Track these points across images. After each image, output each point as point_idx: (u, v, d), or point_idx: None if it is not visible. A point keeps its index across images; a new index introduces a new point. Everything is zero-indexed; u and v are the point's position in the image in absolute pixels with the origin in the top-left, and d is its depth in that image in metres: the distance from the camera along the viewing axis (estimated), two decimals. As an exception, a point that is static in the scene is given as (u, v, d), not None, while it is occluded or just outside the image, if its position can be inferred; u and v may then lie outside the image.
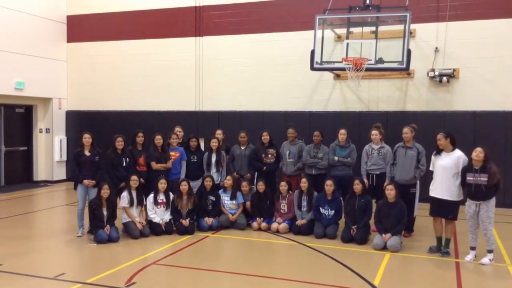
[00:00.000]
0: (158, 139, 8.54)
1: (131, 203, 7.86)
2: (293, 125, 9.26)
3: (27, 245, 7.49)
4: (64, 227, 8.70)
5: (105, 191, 7.55)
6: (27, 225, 9.17)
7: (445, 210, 6.92)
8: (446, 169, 6.84)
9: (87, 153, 7.92)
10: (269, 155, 9.07)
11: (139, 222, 7.86)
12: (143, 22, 13.88)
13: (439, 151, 6.98)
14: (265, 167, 9.00)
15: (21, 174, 14.20)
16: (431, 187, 7.08)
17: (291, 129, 9.08)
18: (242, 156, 9.16)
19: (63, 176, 14.53)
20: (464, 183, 6.63)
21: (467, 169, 6.59)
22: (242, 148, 9.22)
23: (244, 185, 8.73)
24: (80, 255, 7.15)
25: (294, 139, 9.05)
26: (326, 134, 9.01)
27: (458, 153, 6.88)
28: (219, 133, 9.43)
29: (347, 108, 12.02)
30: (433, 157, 7.11)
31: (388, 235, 7.13)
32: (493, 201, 6.51)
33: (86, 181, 7.81)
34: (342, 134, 8.58)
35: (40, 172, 14.42)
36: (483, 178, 6.40)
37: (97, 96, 14.45)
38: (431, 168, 7.19)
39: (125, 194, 7.88)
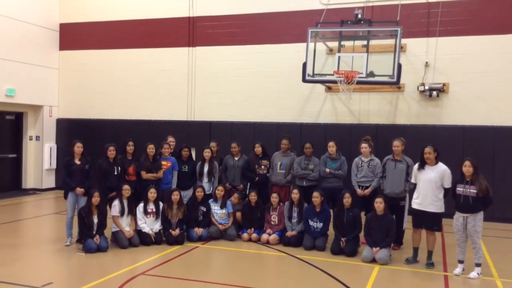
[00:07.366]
0: (151, 148, 8.51)
1: (121, 213, 7.82)
2: (288, 137, 9.24)
3: (15, 254, 7.42)
4: (53, 236, 8.63)
5: (96, 199, 7.52)
6: (15, 233, 9.07)
7: (430, 222, 7.02)
8: (432, 182, 6.92)
9: (77, 161, 7.88)
10: (262, 166, 9.09)
11: (128, 232, 7.82)
12: (136, 31, 13.90)
13: (423, 165, 7.05)
14: (257, 178, 9.03)
15: (9, 182, 14.03)
16: (414, 200, 7.14)
17: (285, 140, 9.08)
18: (236, 167, 9.16)
19: (52, 184, 14.41)
20: (454, 195, 6.69)
21: (458, 181, 6.68)
22: (236, 159, 9.23)
23: (235, 197, 8.73)
24: (68, 264, 7.09)
25: (287, 151, 9.07)
26: (317, 146, 9.03)
27: (442, 166, 7.00)
28: (213, 145, 9.44)
29: (338, 121, 12.10)
30: (416, 170, 7.17)
31: (377, 249, 7.17)
32: (480, 215, 6.57)
33: (79, 189, 7.76)
34: (331, 146, 8.63)
35: (29, 180, 14.29)
36: (472, 190, 6.49)
37: (88, 104, 14.41)
38: (413, 181, 7.26)
39: (116, 203, 7.85)
